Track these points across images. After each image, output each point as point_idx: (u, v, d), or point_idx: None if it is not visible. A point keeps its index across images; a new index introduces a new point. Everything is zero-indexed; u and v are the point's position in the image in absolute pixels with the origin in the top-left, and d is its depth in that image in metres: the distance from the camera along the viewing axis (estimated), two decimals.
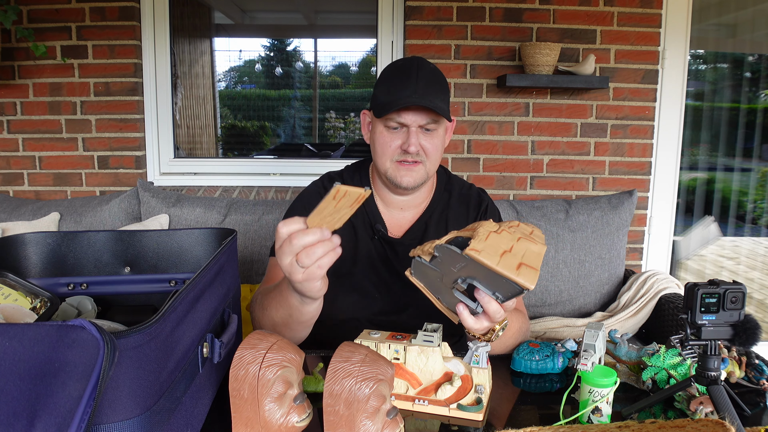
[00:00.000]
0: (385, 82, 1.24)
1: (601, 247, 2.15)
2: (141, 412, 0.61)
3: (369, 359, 0.73)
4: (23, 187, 2.34)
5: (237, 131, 3.29)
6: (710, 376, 0.85)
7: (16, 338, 0.53)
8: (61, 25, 2.22)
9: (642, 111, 2.33)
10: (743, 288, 0.85)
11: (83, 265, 1.04)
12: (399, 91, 1.18)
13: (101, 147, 2.31)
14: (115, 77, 2.26)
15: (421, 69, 1.21)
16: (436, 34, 2.25)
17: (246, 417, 0.74)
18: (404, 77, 1.20)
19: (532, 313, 2.16)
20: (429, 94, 1.18)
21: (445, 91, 1.24)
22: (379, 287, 1.29)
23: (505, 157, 2.34)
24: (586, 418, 0.88)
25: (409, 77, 1.19)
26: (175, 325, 0.68)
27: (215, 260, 0.86)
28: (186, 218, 2.12)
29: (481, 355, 0.92)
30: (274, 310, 1.04)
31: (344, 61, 3.16)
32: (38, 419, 0.50)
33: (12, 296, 0.88)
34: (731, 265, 3.22)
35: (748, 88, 2.88)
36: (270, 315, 1.06)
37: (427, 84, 1.19)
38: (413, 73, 1.20)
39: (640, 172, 2.36)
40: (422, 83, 1.18)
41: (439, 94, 1.21)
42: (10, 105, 2.28)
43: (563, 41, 2.26)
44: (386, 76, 1.24)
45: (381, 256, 1.30)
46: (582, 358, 0.97)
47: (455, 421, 0.89)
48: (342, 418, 0.70)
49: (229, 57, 3.23)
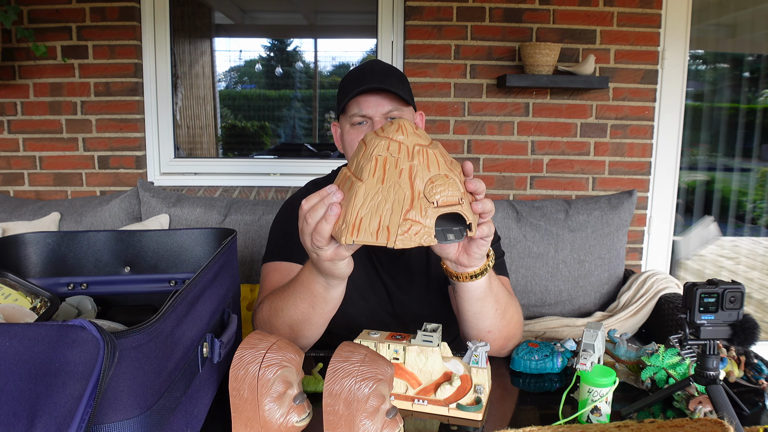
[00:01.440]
0: (343, 83, 1.25)
1: (601, 247, 2.15)
2: (141, 412, 0.61)
3: (368, 359, 0.73)
4: (23, 187, 2.34)
5: (237, 131, 3.29)
6: (709, 376, 0.85)
7: (17, 338, 0.53)
8: (62, 25, 2.22)
9: (642, 111, 2.33)
10: (742, 288, 0.86)
11: (83, 265, 1.04)
12: (356, 84, 1.18)
13: (101, 147, 2.31)
14: (115, 77, 2.26)
15: (375, 64, 1.23)
16: (436, 34, 2.25)
17: (246, 417, 0.74)
18: (359, 73, 1.21)
19: (532, 313, 2.16)
20: (385, 82, 1.18)
21: (403, 81, 1.24)
22: (364, 293, 1.26)
23: (505, 157, 2.34)
24: (585, 418, 0.88)
25: (363, 72, 1.21)
26: (175, 325, 0.68)
27: (215, 260, 0.87)
28: (186, 218, 2.12)
29: (480, 355, 0.93)
30: (293, 307, 1.00)
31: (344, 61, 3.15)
32: (38, 419, 0.50)
33: (12, 296, 0.88)
34: (731, 265, 3.22)
35: (747, 88, 2.88)
36: (287, 314, 1.01)
37: (382, 74, 1.19)
38: (367, 68, 1.21)
39: (640, 172, 2.36)
40: (377, 75, 1.19)
41: (398, 84, 1.20)
42: (11, 105, 2.29)
43: (563, 41, 2.26)
44: (343, 80, 1.26)
45: (366, 261, 1.26)
46: (581, 357, 0.97)
47: (455, 420, 0.89)
48: (341, 417, 0.71)
49: (229, 57, 3.23)
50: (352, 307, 1.25)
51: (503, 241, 2.10)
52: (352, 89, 1.18)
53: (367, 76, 1.19)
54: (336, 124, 1.30)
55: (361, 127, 1.20)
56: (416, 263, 1.28)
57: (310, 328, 1.03)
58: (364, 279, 1.26)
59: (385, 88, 1.16)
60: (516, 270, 2.12)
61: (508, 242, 2.12)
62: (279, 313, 1.04)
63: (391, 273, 1.27)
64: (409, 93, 1.24)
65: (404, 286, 1.28)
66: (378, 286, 1.27)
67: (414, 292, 1.28)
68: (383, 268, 1.27)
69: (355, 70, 1.25)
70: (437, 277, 1.27)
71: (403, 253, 1.26)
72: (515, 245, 2.12)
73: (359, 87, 1.17)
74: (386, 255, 1.27)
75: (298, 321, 1.01)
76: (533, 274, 2.13)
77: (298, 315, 1.00)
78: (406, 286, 1.27)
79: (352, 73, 1.25)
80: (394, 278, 1.27)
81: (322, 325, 1.04)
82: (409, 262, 1.27)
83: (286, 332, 1.04)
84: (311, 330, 1.03)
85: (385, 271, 1.27)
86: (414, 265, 1.28)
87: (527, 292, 2.13)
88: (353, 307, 1.25)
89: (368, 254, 1.27)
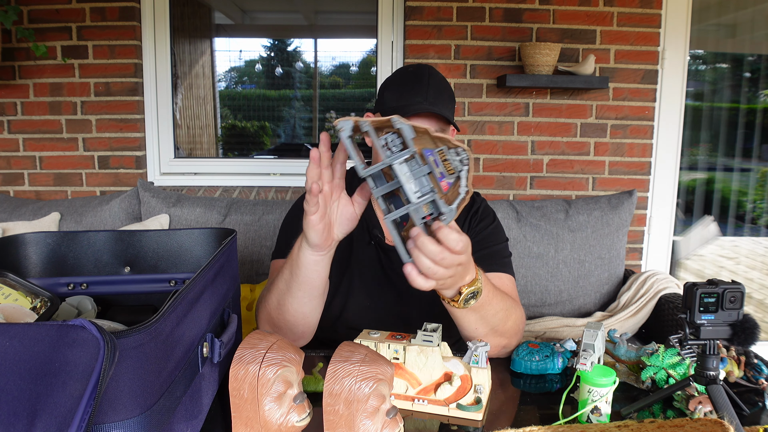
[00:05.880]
0: (396, 86, 1.23)
1: (601, 247, 2.15)
2: (141, 412, 0.61)
3: (369, 359, 0.73)
4: (23, 187, 2.34)
5: (237, 131, 3.29)
6: (709, 376, 0.85)
7: (17, 338, 0.53)
8: (62, 25, 2.22)
9: (642, 111, 2.33)
10: (742, 288, 0.86)
11: (83, 265, 1.04)
12: (411, 97, 1.18)
13: (101, 147, 2.31)
14: (115, 77, 2.26)
15: (432, 77, 1.21)
16: (436, 34, 2.25)
17: (246, 416, 0.74)
18: (416, 83, 1.20)
19: (532, 313, 2.16)
20: (439, 102, 1.18)
21: (453, 100, 1.25)
22: (372, 294, 1.28)
23: (505, 157, 2.34)
24: (585, 418, 0.88)
25: (420, 83, 1.19)
26: (175, 325, 0.68)
27: (215, 260, 0.87)
28: (186, 218, 2.12)
29: (480, 355, 0.93)
30: (279, 277, 1.06)
31: (344, 61, 3.15)
32: (38, 419, 0.50)
33: (12, 296, 0.88)
34: (731, 264, 3.22)
35: (747, 88, 2.88)
36: (275, 286, 1.07)
37: (437, 92, 1.19)
38: (425, 80, 1.20)
39: (640, 172, 2.36)
40: (433, 91, 1.19)
41: (448, 103, 1.21)
42: (11, 105, 2.29)
43: (563, 41, 2.26)
44: (397, 81, 1.24)
45: (376, 263, 1.29)
46: (581, 357, 0.97)
47: (455, 420, 0.89)
48: (342, 417, 0.71)
49: (229, 57, 3.23)
50: (357, 305, 1.26)
51: None
52: (408, 99, 1.17)
53: (424, 91, 1.18)
54: (371, 115, 1.28)
55: None
56: None
57: (292, 302, 1.06)
58: (372, 278, 1.27)
59: (440, 114, 1.16)
60: (516, 270, 2.10)
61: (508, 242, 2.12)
62: (270, 288, 1.10)
63: (401, 274, 1.28)
64: (454, 111, 1.26)
65: (413, 289, 1.28)
66: (387, 287, 1.28)
67: (422, 294, 1.28)
68: (393, 269, 1.28)
69: (413, 74, 1.22)
70: None
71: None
72: (515, 245, 2.12)
73: (415, 100, 1.17)
74: (396, 256, 1.27)
75: (281, 291, 1.06)
76: (533, 274, 2.13)
77: (282, 285, 1.05)
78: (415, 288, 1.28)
79: (408, 76, 1.22)
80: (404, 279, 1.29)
81: (305, 304, 1.06)
82: None
83: (274, 307, 1.09)
84: (293, 304, 1.06)
85: (395, 272, 1.28)
86: None
87: (527, 292, 2.13)
88: (358, 306, 1.26)
89: (378, 255, 1.29)
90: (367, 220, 1.31)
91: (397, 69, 1.29)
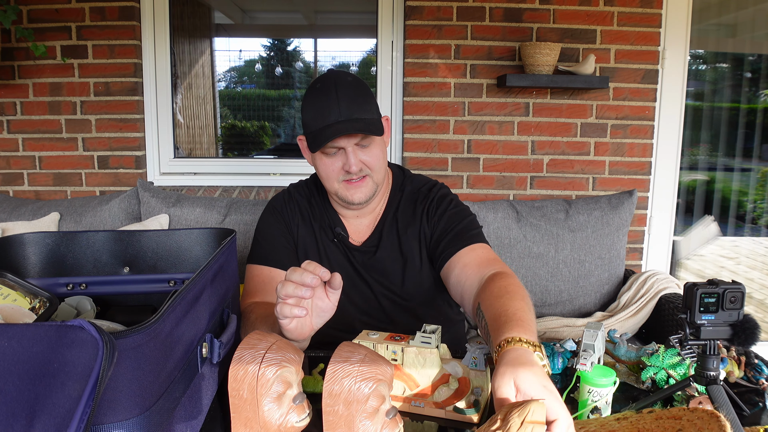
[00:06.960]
0: (309, 108, 1.21)
1: (601, 247, 2.15)
2: (140, 412, 0.61)
3: (368, 359, 0.73)
4: (23, 187, 2.34)
5: (237, 131, 3.29)
6: (709, 376, 0.85)
7: (15, 338, 0.53)
8: (61, 25, 2.22)
9: (642, 111, 2.33)
10: (742, 288, 0.85)
11: (82, 265, 1.04)
12: (325, 117, 1.17)
13: (101, 147, 2.31)
14: (115, 77, 2.26)
15: (339, 87, 1.18)
16: (436, 34, 2.25)
17: (245, 417, 0.74)
18: (325, 99, 1.18)
19: None
20: (354, 111, 1.17)
21: (369, 101, 1.22)
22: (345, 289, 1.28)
23: (505, 157, 2.34)
24: (585, 418, 0.88)
25: (329, 98, 1.17)
26: (175, 325, 0.68)
27: (214, 260, 0.86)
28: (186, 218, 2.12)
29: (479, 358, 0.92)
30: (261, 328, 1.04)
31: (344, 61, 3.15)
32: (37, 419, 0.50)
33: (11, 296, 0.88)
34: (731, 264, 3.22)
35: (747, 88, 2.88)
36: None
37: (349, 101, 1.17)
38: (332, 94, 1.18)
39: (640, 172, 2.36)
40: (345, 102, 1.17)
41: (365, 107, 1.19)
42: (10, 105, 2.29)
43: (563, 41, 2.26)
44: (309, 103, 1.22)
45: (343, 260, 1.33)
46: (581, 358, 0.97)
47: (452, 423, 0.89)
48: (341, 418, 0.71)
49: (229, 57, 3.23)
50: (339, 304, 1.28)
51: (504, 242, 2.11)
52: (322, 120, 1.17)
53: (335, 107, 1.16)
54: (302, 137, 1.28)
55: (335, 156, 1.22)
56: (390, 258, 1.32)
57: None
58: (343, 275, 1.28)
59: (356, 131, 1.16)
60: (516, 270, 2.11)
61: (508, 242, 2.12)
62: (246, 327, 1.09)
63: (367, 268, 1.33)
64: (376, 110, 1.24)
65: (385, 281, 1.33)
66: (359, 282, 1.33)
67: (391, 284, 1.33)
68: (360, 264, 1.32)
69: (319, 92, 1.20)
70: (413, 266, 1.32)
71: (376, 252, 1.32)
72: (515, 245, 2.12)
73: (329, 120, 1.16)
74: (360, 253, 1.33)
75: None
76: (533, 274, 2.12)
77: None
78: (385, 281, 1.33)
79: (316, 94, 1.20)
80: (370, 272, 1.33)
81: None
82: (383, 259, 1.32)
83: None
84: None
85: (363, 266, 1.33)
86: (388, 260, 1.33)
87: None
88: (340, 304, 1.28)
89: (344, 252, 1.33)
90: (328, 218, 1.34)
91: (309, 85, 1.27)
